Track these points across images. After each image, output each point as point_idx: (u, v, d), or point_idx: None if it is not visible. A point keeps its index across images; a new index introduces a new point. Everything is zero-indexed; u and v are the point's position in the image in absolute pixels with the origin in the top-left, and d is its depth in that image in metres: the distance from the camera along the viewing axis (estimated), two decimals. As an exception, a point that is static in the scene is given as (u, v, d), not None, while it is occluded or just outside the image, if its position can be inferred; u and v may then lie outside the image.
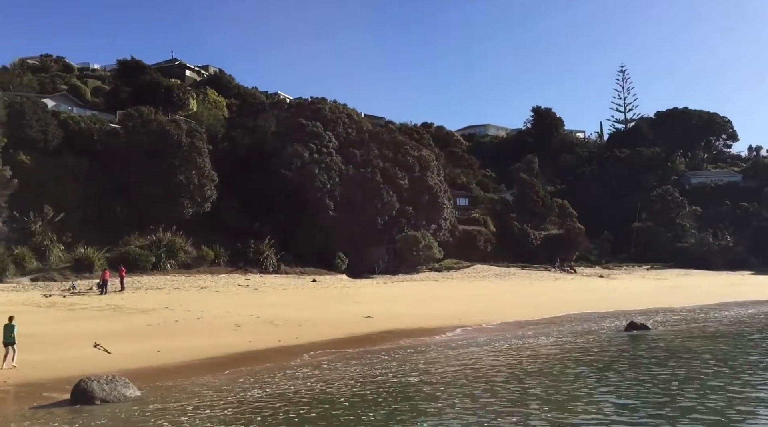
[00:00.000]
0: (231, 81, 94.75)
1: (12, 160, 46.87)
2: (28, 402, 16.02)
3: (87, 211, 50.93)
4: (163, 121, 55.72)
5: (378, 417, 15.26)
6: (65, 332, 26.21)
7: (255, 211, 61.36)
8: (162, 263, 50.51)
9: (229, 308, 35.57)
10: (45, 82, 74.55)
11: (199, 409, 15.82)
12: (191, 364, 21.17)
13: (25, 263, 43.67)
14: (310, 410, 15.80)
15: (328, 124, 71.81)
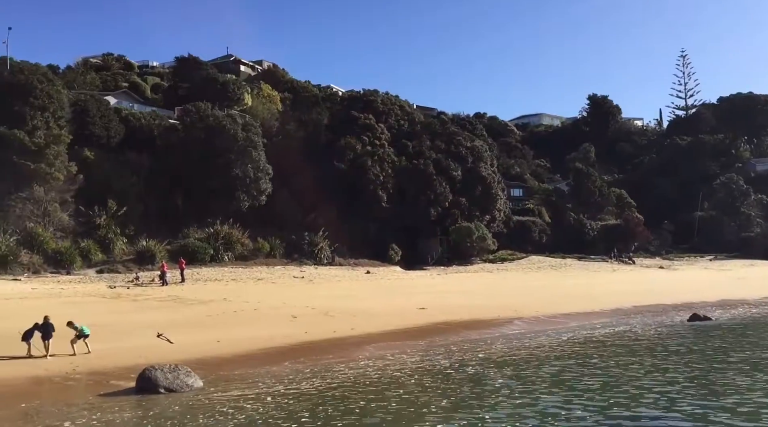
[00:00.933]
0: (284, 75, 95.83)
1: (77, 157, 48.58)
2: (96, 390, 16.60)
3: (148, 205, 52.49)
4: (219, 116, 56.76)
5: (442, 407, 15.17)
6: (129, 322, 27.03)
7: (309, 203, 62.01)
8: (220, 255, 51.64)
9: (285, 299, 36.09)
10: (107, 80, 76.98)
11: (260, 398, 16.09)
12: (250, 354, 21.57)
13: (90, 255, 45.28)
14: (373, 400, 15.87)
15: (380, 116, 71.94)
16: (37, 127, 44.24)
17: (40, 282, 38.09)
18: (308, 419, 14.33)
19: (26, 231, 43.23)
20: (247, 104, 75.11)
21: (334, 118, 71.01)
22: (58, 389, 16.63)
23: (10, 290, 33.62)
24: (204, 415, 14.59)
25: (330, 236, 60.47)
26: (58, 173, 45.90)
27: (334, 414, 14.72)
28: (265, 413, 14.73)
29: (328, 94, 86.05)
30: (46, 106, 45.22)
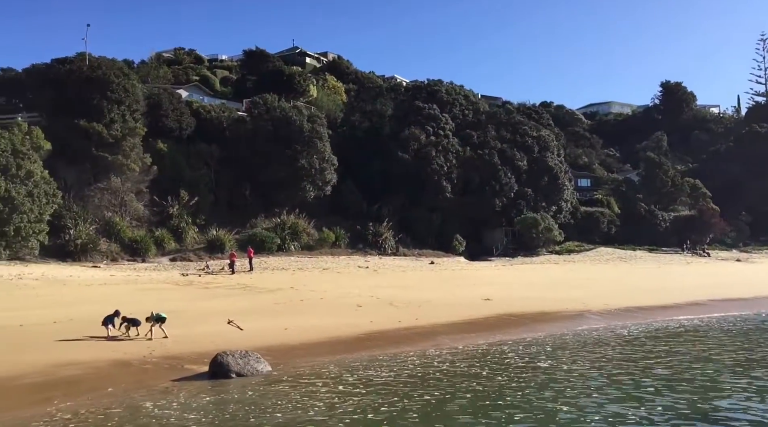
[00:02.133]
0: (349, 66, 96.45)
1: (151, 148, 50.35)
2: (171, 374, 17.18)
3: (218, 195, 54.02)
4: (285, 107, 57.69)
5: (516, 401, 14.93)
6: (201, 308, 27.88)
7: (373, 194, 62.44)
8: (286, 244, 52.67)
9: (350, 288, 36.44)
10: (178, 74, 79.31)
11: (330, 385, 16.30)
12: (317, 342, 21.86)
13: (164, 243, 46.97)
14: (446, 392, 15.77)
15: (444, 107, 71.56)
16: (114, 120, 46.03)
17: (118, 269, 39.74)
18: (380, 408, 14.35)
19: (104, 220, 45.17)
20: (313, 96, 76.06)
21: (398, 108, 71.06)
22: (136, 372, 17.30)
23: (91, 277, 35.23)
24: (275, 401, 14.84)
25: (394, 227, 60.78)
26: (134, 165, 47.71)
27: (408, 405, 14.66)
28: (336, 401, 14.87)
29: (392, 84, 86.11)
30: (122, 100, 46.99)
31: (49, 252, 40.71)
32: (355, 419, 13.48)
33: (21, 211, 37.37)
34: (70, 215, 42.75)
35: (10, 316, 23.21)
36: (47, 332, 20.93)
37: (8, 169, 37.78)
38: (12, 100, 58.72)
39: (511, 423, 13.27)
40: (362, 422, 13.35)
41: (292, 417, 13.59)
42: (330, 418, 13.54)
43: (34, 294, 29.04)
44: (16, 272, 34.08)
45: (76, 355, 18.33)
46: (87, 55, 51.18)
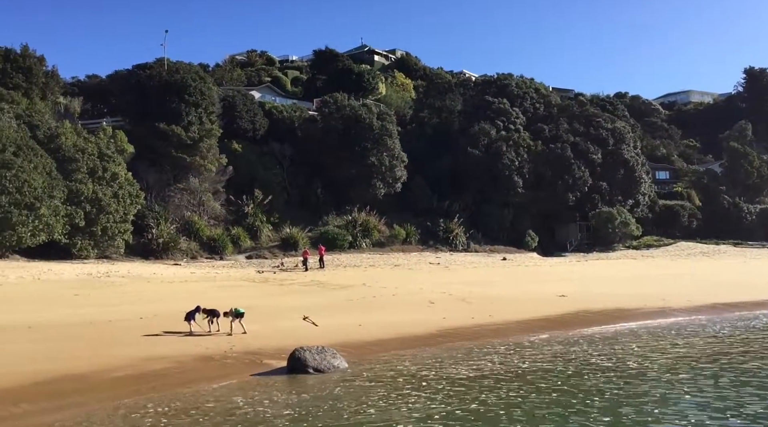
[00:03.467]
0: (417, 63, 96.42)
1: (227, 149, 51.83)
2: (252, 369, 17.65)
3: (290, 194, 55.13)
4: (355, 106, 58.23)
5: (601, 404, 14.49)
6: (277, 304, 28.52)
7: (443, 190, 62.27)
8: (358, 241, 53.20)
9: (422, 285, 36.47)
10: (251, 76, 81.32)
11: (413, 382, 16.22)
12: (391, 338, 21.98)
13: (240, 241, 48.31)
14: (529, 390, 15.52)
15: (515, 100, 70.60)
16: (191, 122, 47.61)
17: (197, 267, 41.11)
18: (469, 405, 14.16)
19: (184, 219, 46.83)
20: (382, 93, 76.51)
21: (467, 103, 70.58)
22: (218, 366, 17.86)
23: (173, 274, 36.59)
24: (355, 396, 14.93)
25: (465, 223, 60.46)
26: (211, 165, 49.23)
27: (492, 402, 14.43)
28: (416, 398, 14.79)
29: (461, 80, 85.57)
30: (199, 103, 48.55)
31: (134, 250, 42.55)
32: (447, 417, 13.28)
33: (107, 211, 39.21)
34: (152, 214, 44.54)
35: (100, 312, 24.41)
36: (134, 327, 21.89)
37: (95, 171, 39.69)
38: (97, 106, 61.66)
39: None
40: (456, 419, 13.15)
41: (386, 415, 13.46)
42: (422, 416, 13.36)
43: (121, 291, 30.42)
44: (104, 269, 35.79)
45: (161, 349, 19.10)
46: (166, 60, 53.14)
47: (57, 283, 30.96)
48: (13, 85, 46.58)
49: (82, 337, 20.28)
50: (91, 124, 50.75)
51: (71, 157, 38.87)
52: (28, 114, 40.81)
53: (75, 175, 38.45)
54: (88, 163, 39.50)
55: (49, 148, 38.55)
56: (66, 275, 33.03)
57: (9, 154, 34.94)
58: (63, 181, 37.61)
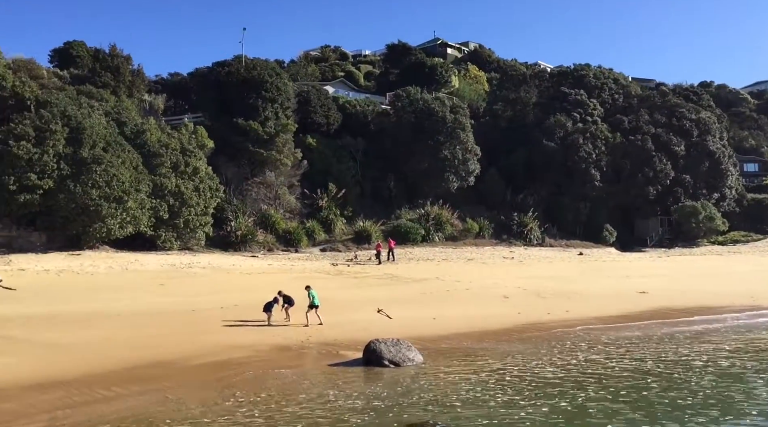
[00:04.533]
0: (490, 55, 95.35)
1: (302, 143, 52.74)
2: (328, 359, 17.97)
3: (363, 187, 55.59)
4: (428, 99, 58.08)
5: (696, 402, 14.00)
6: (351, 297, 28.89)
7: (517, 183, 61.41)
8: (430, 235, 53.20)
9: (496, 279, 36.15)
10: (325, 71, 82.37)
11: (494, 377, 16.05)
12: (466, 333, 21.89)
13: (315, 234, 49.13)
14: (618, 388, 15.10)
15: (592, 91, 68.77)
16: (268, 117, 48.69)
17: (274, 259, 42.08)
18: (559, 403, 13.85)
19: (261, 213, 48.00)
20: (455, 86, 76.01)
21: (542, 95, 69.22)
22: (295, 356, 18.29)
23: (251, 266, 37.62)
24: (442, 390, 14.80)
25: (539, 217, 59.46)
26: (287, 159, 50.22)
27: (583, 401, 14.01)
28: (503, 393, 14.59)
29: (536, 71, 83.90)
30: (275, 98, 49.58)
31: (214, 242, 43.95)
32: (540, 414, 13.08)
33: (189, 204, 40.64)
34: (230, 208, 45.88)
35: (183, 301, 25.41)
36: (215, 316, 22.68)
37: (178, 166, 41.19)
38: (179, 102, 63.89)
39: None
40: (550, 417, 12.94)
41: (478, 410, 13.31)
42: (514, 412, 13.15)
43: (202, 282, 31.53)
44: (187, 260, 37.17)
45: (241, 338, 19.72)
46: (243, 57, 54.43)
47: (143, 273, 32.39)
48: (102, 84, 48.87)
49: (167, 325, 21.17)
50: (173, 121, 52.68)
51: (156, 152, 40.48)
52: (116, 111, 42.72)
53: (159, 170, 40.03)
54: (172, 158, 41.02)
55: (136, 143, 40.27)
56: (151, 266, 34.50)
57: (99, 150, 36.73)
58: (148, 176, 39.23)
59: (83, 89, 44.51)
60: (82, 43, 59.95)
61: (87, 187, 35.28)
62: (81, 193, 35.12)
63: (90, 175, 35.49)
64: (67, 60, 57.67)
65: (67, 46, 60.07)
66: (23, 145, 34.29)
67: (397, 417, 12.78)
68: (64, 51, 59.70)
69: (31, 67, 47.06)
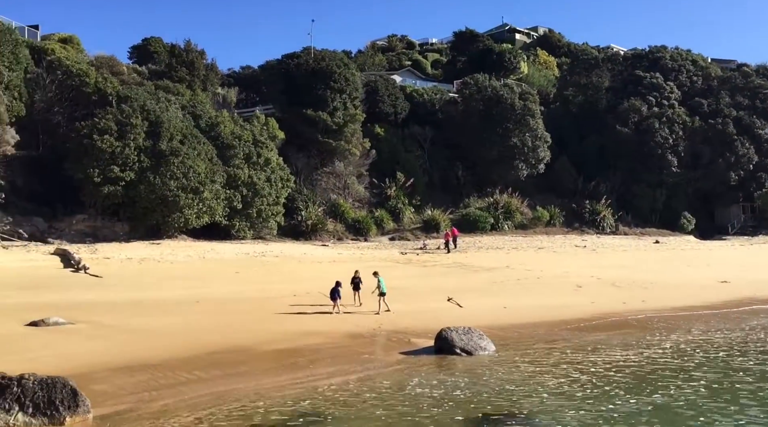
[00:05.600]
0: (560, 39, 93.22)
1: (370, 133, 53.04)
2: (399, 347, 18.13)
3: (431, 176, 55.51)
4: (496, 86, 57.34)
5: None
6: (421, 285, 29.05)
7: (589, 170, 59.97)
8: (499, 223, 52.69)
9: (568, 268, 35.57)
10: (392, 60, 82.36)
11: (576, 368, 15.83)
12: (538, 322, 21.67)
13: (383, 223, 49.46)
14: (711, 382, 14.59)
15: (668, 74, 66.25)
16: (336, 108, 49.17)
17: (344, 248, 42.64)
18: (651, 395, 13.46)
19: (330, 202, 48.67)
20: (524, 72, 74.69)
21: (615, 79, 67.15)
22: (367, 343, 18.55)
23: (321, 255, 38.27)
24: (513, 380, 14.67)
25: (613, 204, 57.99)
26: (355, 149, 50.65)
27: (675, 394, 13.60)
28: (590, 384, 14.35)
29: (608, 55, 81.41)
30: (343, 89, 50.00)
31: (285, 232, 44.85)
32: (624, 406, 12.72)
33: (261, 195, 41.60)
34: (301, 197, 46.67)
35: (257, 289, 26.15)
36: (289, 303, 23.26)
37: (250, 157, 42.18)
38: (251, 95, 65.26)
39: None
40: (641, 409, 12.58)
41: (566, 401, 13.12)
42: (605, 404, 12.83)
43: (275, 270, 32.31)
44: (260, 249, 38.13)
45: (314, 325, 20.15)
46: (312, 49, 55.02)
47: (219, 261, 33.46)
48: (178, 78, 50.41)
49: (243, 311, 21.86)
50: (245, 113, 53.85)
51: (229, 144, 41.56)
52: (191, 104, 44.03)
53: (233, 161, 41.08)
54: (244, 149, 42.03)
55: (210, 136, 41.44)
56: (226, 255, 35.59)
57: (176, 143, 38.01)
58: (222, 167, 40.33)
59: (161, 84, 46.08)
60: (159, 40, 62.13)
61: (165, 179, 36.61)
62: (160, 184, 36.48)
63: (168, 167, 36.81)
64: (145, 56, 59.91)
65: (145, 43, 62.40)
66: (106, 139, 35.85)
67: (479, 407, 12.72)
68: (143, 47, 62.05)
69: (112, 64, 49.05)
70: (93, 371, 14.03)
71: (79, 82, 40.05)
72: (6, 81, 37.39)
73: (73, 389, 11.33)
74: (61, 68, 40.41)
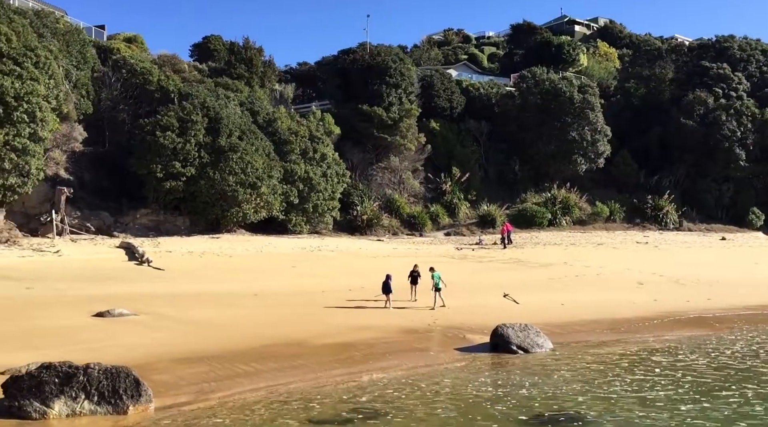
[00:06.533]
0: (622, 30, 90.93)
1: (425, 128, 52.88)
2: (454, 343, 17.99)
3: (487, 171, 54.99)
4: (554, 79, 56.30)
5: None
6: (476, 281, 28.78)
7: (651, 165, 58.37)
8: (557, 219, 51.88)
9: (629, 264, 34.68)
10: (448, 54, 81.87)
11: (641, 367, 15.43)
12: (598, 320, 21.16)
13: (439, 219, 49.32)
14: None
15: (736, 65, 63.74)
16: (392, 103, 49.22)
17: (399, 243, 42.67)
18: (728, 398, 13.00)
19: (385, 197, 48.78)
20: (583, 65, 73.19)
21: (679, 71, 64.96)
22: (422, 339, 18.48)
23: (376, 249, 38.39)
24: (574, 379, 14.38)
25: (677, 199, 56.23)
26: (410, 144, 50.60)
27: (754, 398, 13.06)
28: (646, 384, 13.93)
29: (672, 45, 78.76)
30: (399, 84, 49.99)
31: (341, 226, 45.19)
32: (695, 410, 12.28)
33: (318, 190, 42.00)
34: (356, 192, 46.92)
35: (314, 283, 26.39)
36: (344, 298, 23.41)
37: (307, 152, 42.63)
38: (307, 91, 65.97)
39: None
40: (711, 414, 12.13)
41: (629, 403, 12.77)
42: (674, 406, 12.50)
43: (331, 264, 32.58)
44: (316, 244, 38.52)
45: (369, 319, 20.20)
46: (368, 44, 55.21)
47: (276, 256, 33.95)
48: (237, 75, 51.34)
49: (300, 305, 22.10)
50: (302, 109, 54.47)
51: (286, 139, 42.08)
52: (249, 101, 44.77)
53: (289, 157, 41.59)
54: (301, 144, 42.49)
55: (267, 131, 42.05)
56: (283, 249, 36.08)
57: (235, 139, 38.72)
58: (279, 162, 40.87)
59: (220, 81, 47.01)
60: (218, 38, 63.40)
61: (224, 174, 37.34)
62: (219, 179, 37.23)
63: (227, 162, 37.53)
64: (205, 54, 61.25)
65: (206, 41, 63.77)
66: (168, 136, 36.80)
67: (538, 406, 12.49)
68: (203, 45, 63.45)
69: (174, 62, 50.30)
70: (154, 362, 14.40)
71: (143, 80, 41.24)
72: (74, 80, 38.82)
73: (135, 379, 11.66)
74: (126, 67, 41.69)
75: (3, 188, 31.93)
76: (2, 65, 31.45)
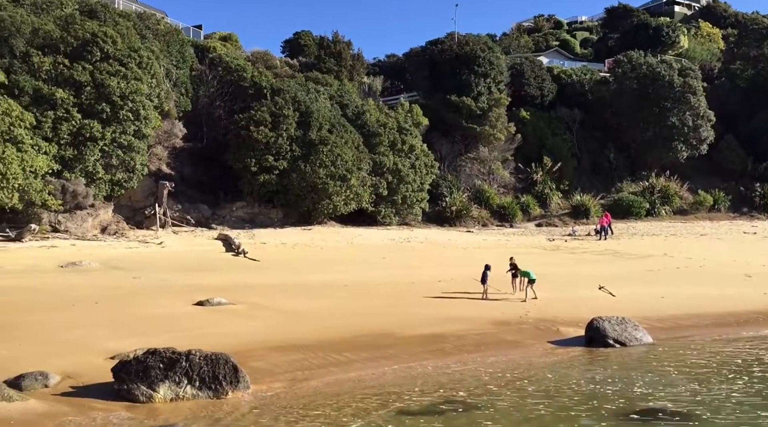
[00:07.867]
0: (726, 9, 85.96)
1: (515, 117, 51.98)
2: (547, 336, 17.56)
3: (580, 160, 53.46)
4: (652, 63, 53.92)
5: None
6: (570, 273, 27.99)
7: (760, 150, 55.02)
8: (656, 209, 49.93)
9: (735, 256, 32.81)
10: (538, 41, 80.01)
11: (741, 365, 14.61)
12: (701, 314, 20.07)
13: (529, 209, 48.43)
14: None
15: None
16: (480, 92, 48.65)
17: (488, 234, 42.19)
18: None
19: (474, 188, 48.36)
20: (683, 47, 69.73)
21: (793, 49, 60.74)
22: (513, 331, 18.14)
23: (466, 240, 38.11)
24: (672, 375, 13.77)
25: (789, 187, 52.74)
26: (500, 134, 49.86)
27: None
28: (742, 383, 13.21)
29: (783, 22, 73.73)
30: (487, 73, 49.33)
31: (429, 218, 45.19)
32: None
33: (406, 181, 42.17)
34: (445, 183, 46.74)
35: (403, 274, 26.48)
36: (433, 289, 23.31)
37: (395, 144, 42.84)
38: (395, 83, 66.21)
39: None
40: None
41: (724, 402, 12.13)
42: None
43: (421, 255, 32.61)
44: (405, 235, 38.69)
45: (459, 311, 20.04)
46: (456, 34, 54.75)
47: (366, 247, 34.33)
48: (327, 69, 52.22)
49: (390, 295, 22.22)
50: (390, 101, 54.76)
51: (375, 131, 42.45)
52: (339, 94, 45.44)
53: (378, 149, 41.94)
54: (389, 136, 42.75)
55: (356, 124, 42.57)
56: (373, 240, 36.44)
57: (325, 132, 39.43)
58: (368, 155, 41.29)
59: (310, 76, 47.95)
60: (308, 33, 64.66)
61: (315, 167, 38.09)
62: (310, 172, 38.03)
63: (318, 155, 38.26)
64: (296, 49, 62.67)
65: (296, 37, 65.20)
66: (262, 130, 37.92)
67: (636, 402, 12.02)
68: (294, 41, 64.92)
69: (266, 59, 51.75)
70: (251, 349, 14.86)
71: (238, 77, 42.64)
72: (174, 79, 40.63)
73: (234, 365, 12.08)
74: (222, 65, 43.23)
75: (111, 183, 33.94)
76: (109, 66, 33.34)
